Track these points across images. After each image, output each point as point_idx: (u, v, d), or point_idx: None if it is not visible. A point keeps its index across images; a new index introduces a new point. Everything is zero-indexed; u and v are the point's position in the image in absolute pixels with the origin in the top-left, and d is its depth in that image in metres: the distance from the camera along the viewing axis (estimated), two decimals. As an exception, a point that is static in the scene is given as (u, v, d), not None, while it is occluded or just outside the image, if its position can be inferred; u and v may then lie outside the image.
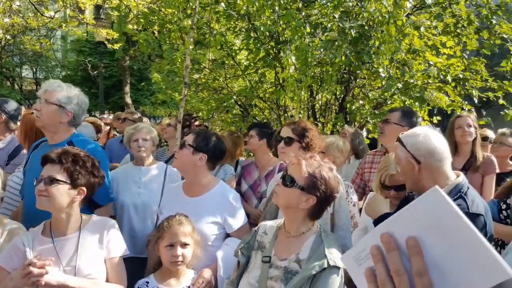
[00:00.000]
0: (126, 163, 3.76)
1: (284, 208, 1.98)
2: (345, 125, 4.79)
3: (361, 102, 5.09)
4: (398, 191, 2.62)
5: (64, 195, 2.06)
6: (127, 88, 14.48)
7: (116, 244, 2.23)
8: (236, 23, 5.34)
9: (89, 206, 2.45)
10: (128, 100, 14.29)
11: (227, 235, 2.67)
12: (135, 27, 6.52)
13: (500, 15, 4.74)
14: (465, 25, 4.59)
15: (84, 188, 2.13)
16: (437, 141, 2.07)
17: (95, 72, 15.20)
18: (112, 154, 4.96)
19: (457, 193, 1.99)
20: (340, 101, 5.32)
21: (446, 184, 2.06)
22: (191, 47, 4.20)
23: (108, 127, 6.13)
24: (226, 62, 5.57)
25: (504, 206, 3.05)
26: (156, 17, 5.45)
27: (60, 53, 22.24)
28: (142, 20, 5.46)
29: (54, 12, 11.28)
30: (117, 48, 11.67)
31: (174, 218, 2.38)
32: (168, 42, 5.70)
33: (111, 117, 7.41)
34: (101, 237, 2.18)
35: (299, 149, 2.65)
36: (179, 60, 5.26)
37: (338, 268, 1.82)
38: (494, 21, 4.70)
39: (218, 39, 4.08)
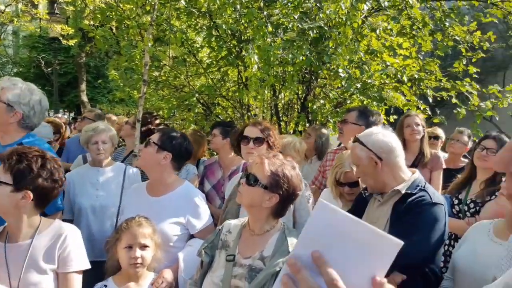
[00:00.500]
0: (80, 165, 3.64)
1: (248, 207, 1.99)
2: (318, 125, 4.84)
3: (322, 101, 5.19)
4: (352, 187, 2.73)
5: (5, 198, 1.87)
6: (83, 86, 13.97)
7: (73, 256, 1.97)
8: (197, 20, 5.27)
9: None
10: (84, 98, 13.80)
11: (191, 236, 2.63)
12: (92, 22, 6.31)
13: (453, 18, 4.96)
14: (420, 27, 4.76)
15: (30, 192, 1.89)
16: (394, 138, 2.20)
17: (49, 69, 14.62)
18: (69, 154, 4.77)
19: (416, 187, 2.07)
20: (302, 101, 5.39)
21: (403, 179, 2.13)
22: (150, 44, 4.10)
23: (64, 127, 5.90)
24: (188, 59, 5.49)
25: (456, 201, 3.18)
26: (113, 13, 5.29)
27: (12, 49, 21.17)
28: (99, 16, 5.29)
29: (4, 6, 10.70)
30: (73, 44, 11.26)
31: (133, 219, 2.32)
32: (126, 38, 5.54)
33: (66, 116, 7.11)
34: (54, 247, 1.94)
35: (266, 149, 2.66)
36: (138, 57, 5.14)
37: None
38: (447, 24, 4.92)
39: (179, 36, 4.01)
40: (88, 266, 2.04)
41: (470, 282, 2.08)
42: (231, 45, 4.88)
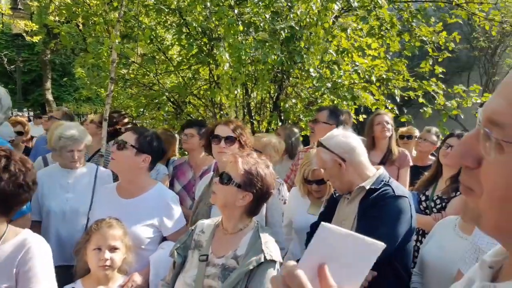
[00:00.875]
0: (40, 168, 3.47)
1: (221, 206, 1.98)
2: (290, 125, 4.86)
3: (294, 100, 5.22)
4: (319, 185, 2.79)
5: None
6: (48, 84, 13.52)
7: (36, 274, 1.75)
8: (167, 17, 5.19)
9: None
10: (50, 96, 13.35)
11: (164, 239, 2.57)
12: (57, 18, 6.10)
13: (420, 19, 5.09)
14: (388, 28, 4.86)
15: None
16: (355, 138, 2.26)
17: (12, 67, 14.11)
18: (37, 154, 4.59)
19: (380, 183, 2.11)
20: (274, 100, 5.39)
21: (368, 176, 2.17)
22: (117, 40, 4.00)
23: (28, 126, 5.69)
24: (157, 57, 5.39)
25: (423, 198, 3.26)
26: (80, 9, 5.14)
27: (-28, 46, 20.29)
28: (64, 12, 5.13)
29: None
30: (37, 41, 10.87)
31: (103, 220, 2.27)
32: (93, 35, 5.39)
33: (26, 114, 6.86)
34: (13, 262, 1.72)
35: (238, 148, 2.64)
36: (105, 54, 5.01)
37: (275, 262, 1.84)
38: (414, 24, 5.04)
39: (147, 33, 3.93)
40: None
41: (438, 277, 2.12)
42: (202, 43, 4.83)
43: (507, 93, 0.61)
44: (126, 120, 4.48)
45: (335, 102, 5.06)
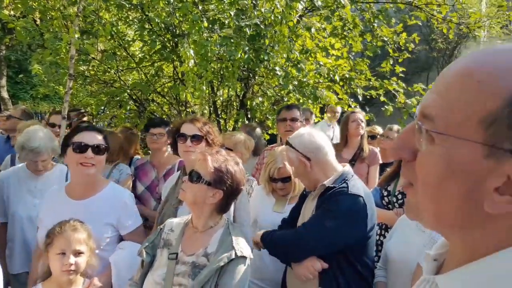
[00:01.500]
0: (7, 166, 3.32)
1: (191, 203, 1.97)
2: (255, 124, 4.85)
3: (260, 99, 5.22)
4: (284, 182, 2.80)
5: None
6: (3, 81, 12.90)
7: None
8: (128, 13, 5.05)
9: None
10: (5, 94, 12.74)
11: (121, 239, 2.50)
12: (12, 13, 5.81)
13: (381, 20, 5.22)
14: (351, 28, 4.95)
15: None
16: (320, 137, 2.28)
17: (-38, 63, 13.33)
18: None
19: (342, 180, 2.16)
20: (240, 98, 5.37)
21: (333, 174, 2.20)
22: (76, 36, 3.85)
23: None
24: (118, 53, 5.24)
25: (385, 193, 3.33)
26: (36, 3, 4.92)
27: None
28: (20, 6, 4.89)
29: None
30: (-10, 36, 10.34)
31: (67, 223, 2.18)
32: (50, 30, 5.18)
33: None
34: None
35: (205, 147, 2.60)
36: (64, 50, 4.82)
37: (245, 258, 1.85)
38: (376, 25, 5.16)
39: (108, 29, 3.80)
40: None
41: (402, 271, 2.17)
42: (166, 39, 4.73)
43: (438, 88, 0.63)
44: (86, 118, 4.33)
45: (301, 101, 5.11)
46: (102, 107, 5.66)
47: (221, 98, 5.52)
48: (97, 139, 2.40)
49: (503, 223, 0.59)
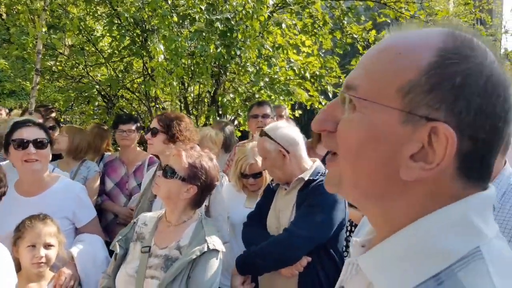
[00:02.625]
0: None
1: (165, 198, 2.01)
2: (227, 120, 4.85)
3: (231, 95, 5.22)
4: (255, 178, 2.81)
5: None
6: (-33, 77, 12.39)
7: None
8: (97, 8, 4.95)
9: None
10: (-32, 90, 12.25)
11: (77, 231, 2.52)
12: (-24, 7, 5.60)
13: (351, 17, 5.31)
14: (321, 25, 5.01)
15: None
16: (297, 131, 2.33)
17: None
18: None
19: (317, 174, 2.21)
20: (212, 94, 5.36)
21: (306, 168, 2.25)
22: (43, 30, 3.75)
23: None
24: (87, 48, 5.14)
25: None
26: (2, -3, 4.76)
27: None
28: (-16, 0, 4.71)
29: None
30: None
31: (37, 217, 2.17)
32: (17, 24, 5.03)
33: None
34: None
35: (164, 140, 2.61)
36: (30, 45, 4.69)
37: (218, 251, 1.89)
38: (345, 22, 5.25)
39: (75, 23, 3.72)
40: None
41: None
42: (135, 34, 4.67)
43: (362, 63, 0.67)
44: (53, 114, 4.22)
45: (272, 97, 5.14)
46: (70, 103, 5.53)
47: (192, 95, 5.49)
48: (38, 133, 2.36)
49: (419, 192, 0.61)
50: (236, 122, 5.57)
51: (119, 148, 3.82)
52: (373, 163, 0.62)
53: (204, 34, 3.98)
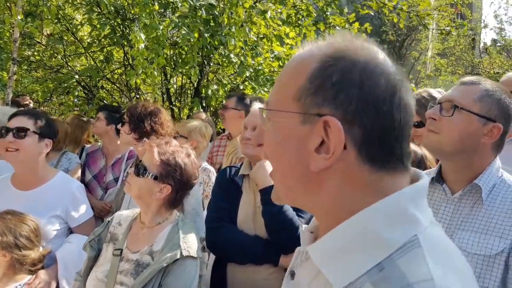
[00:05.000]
0: None
1: (137, 198, 1.83)
2: (203, 112, 4.79)
3: (215, 87, 5.16)
4: None
5: None
6: None
7: None
8: (76, -6, 4.82)
9: None
10: None
11: (70, 232, 2.42)
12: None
13: (334, 8, 5.30)
14: (304, 16, 4.99)
15: None
16: None
17: None
18: None
19: None
20: (195, 86, 5.30)
21: None
22: (19, 18, 3.63)
23: None
24: (65, 38, 5.00)
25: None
26: (-25, -17, 4.57)
27: None
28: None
29: None
30: None
31: (14, 213, 2.08)
32: (-8, 12, 4.85)
33: None
34: None
35: (128, 130, 2.54)
36: (7, 34, 4.55)
37: (193, 258, 1.72)
38: (328, 14, 5.24)
39: (53, 10, 3.60)
40: None
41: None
42: (115, 23, 4.56)
43: (276, 81, 0.78)
44: (31, 105, 4.13)
45: (256, 89, 5.11)
46: (49, 94, 5.39)
47: (175, 86, 5.41)
48: (21, 122, 2.26)
49: (332, 182, 0.69)
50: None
51: (100, 140, 3.75)
52: (289, 163, 0.71)
53: (187, 20, 3.89)
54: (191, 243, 1.74)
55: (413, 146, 2.08)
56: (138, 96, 5.09)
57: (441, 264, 0.62)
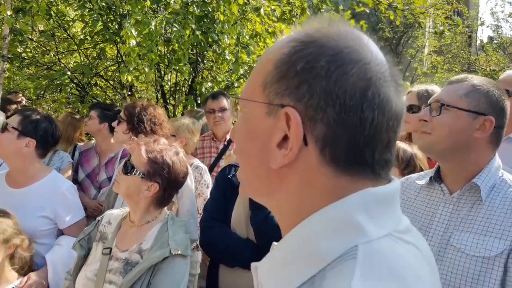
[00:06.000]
0: None
1: (125, 197, 1.86)
2: (193, 109, 4.74)
3: (210, 84, 5.12)
4: None
5: None
6: None
7: None
8: (68, -10, 4.77)
9: None
10: None
11: (61, 232, 2.40)
12: None
13: (329, 5, 5.26)
14: (298, 13, 4.95)
15: None
16: None
17: None
18: None
19: None
20: (189, 83, 5.25)
21: None
22: (9, 13, 3.57)
23: None
24: (58, 34, 4.94)
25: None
26: (-37, -23, 4.50)
27: None
28: None
29: None
30: None
31: None
32: (-20, 8, 4.77)
33: None
34: None
35: (125, 130, 2.54)
36: (-2, 31, 4.47)
37: (183, 256, 1.73)
38: (323, 11, 5.20)
39: (43, 6, 3.54)
40: None
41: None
42: (108, 20, 4.51)
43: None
44: (24, 102, 4.08)
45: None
46: (42, 91, 5.33)
47: (170, 83, 5.37)
48: (4, 118, 2.31)
49: (292, 182, 0.62)
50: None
51: (93, 138, 3.72)
52: (255, 159, 0.65)
53: (179, 17, 3.83)
54: (180, 241, 1.75)
55: (403, 145, 2.08)
56: (130, 94, 5.03)
57: (376, 280, 0.53)
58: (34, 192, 2.31)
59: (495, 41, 17.15)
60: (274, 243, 0.70)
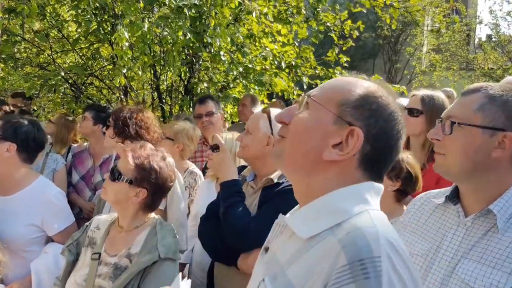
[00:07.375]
0: None
1: (113, 203, 1.87)
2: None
3: (206, 85, 5.09)
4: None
5: None
6: None
7: None
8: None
9: None
10: None
11: (51, 239, 2.38)
12: None
13: (325, 4, 5.23)
14: (294, 13, 4.91)
15: None
16: None
17: None
18: None
19: (283, 177, 2.09)
20: (185, 83, 5.22)
21: (275, 170, 2.14)
22: (0, 15, 3.52)
23: None
24: (52, 34, 4.90)
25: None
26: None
27: None
28: None
29: None
30: None
31: None
32: (-28, 9, 4.72)
33: None
34: None
35: (111, 134, 2.51)
36: (-10, 31, 4.42)
37: (173, 260, 1.75)
38: (320, 10, 5.16)
39: (34, 8, 3.50)
40: None
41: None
42: (102, 20, 4.47)
43: (322, 85, 1.04)
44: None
45: (248, 87, 5.03)
46: (36, 92, 5.28)
47: (165, 83, 5.34)
48: None
49: (332, 172, 0.94)
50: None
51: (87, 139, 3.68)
52: (309, 146, 0.95)
53: (170, 20, 3.79)
54: (169, 245, 1.76)
55: None
56: (125, 94, 4.99)
57: (381, 224, 0.87)
58: (21, 200, 2.27)
59: (493, 39, 17.11)
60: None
